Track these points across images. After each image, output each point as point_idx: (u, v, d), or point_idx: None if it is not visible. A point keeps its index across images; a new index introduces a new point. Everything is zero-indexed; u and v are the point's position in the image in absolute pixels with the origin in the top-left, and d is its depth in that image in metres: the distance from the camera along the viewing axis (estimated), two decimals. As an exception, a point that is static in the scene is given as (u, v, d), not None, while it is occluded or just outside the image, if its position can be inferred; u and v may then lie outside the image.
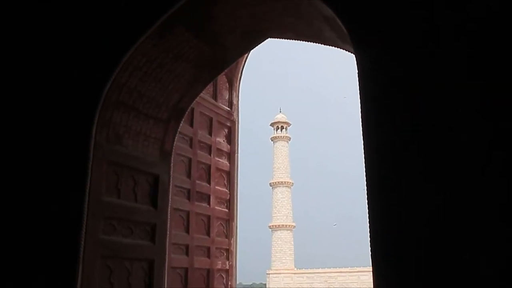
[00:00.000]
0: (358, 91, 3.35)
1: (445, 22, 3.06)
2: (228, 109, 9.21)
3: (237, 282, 8.90)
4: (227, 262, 8.41)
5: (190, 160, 7.81)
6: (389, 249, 2.91)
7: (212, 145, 8.51)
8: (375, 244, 2.97)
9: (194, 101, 8.22)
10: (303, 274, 61.97)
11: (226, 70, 9.34)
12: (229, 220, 8.65)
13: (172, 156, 5.48)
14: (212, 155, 8.48)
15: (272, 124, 68.89)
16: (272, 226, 64.81)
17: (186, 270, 7.30)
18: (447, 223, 2.75)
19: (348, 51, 4.30)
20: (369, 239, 3.00)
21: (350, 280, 58.71)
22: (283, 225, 64.32)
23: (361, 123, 3.24)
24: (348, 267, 60.79)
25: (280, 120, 68.44)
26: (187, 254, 7.40)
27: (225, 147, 8.96)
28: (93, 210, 4.23)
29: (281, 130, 68.49)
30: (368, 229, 2.96)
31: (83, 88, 4.29)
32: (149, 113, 4.92)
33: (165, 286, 5.03)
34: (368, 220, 2.96)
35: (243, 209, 8.92)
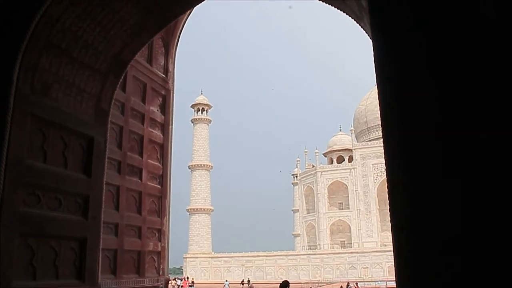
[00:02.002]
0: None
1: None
2: (164, 76, 8.40)
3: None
4: (159, 244, 7.66)
5: (121, 128, 6.94)
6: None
7: (145, 114, 7.68)
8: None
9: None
10: (220, 258, 61.92)
11: (162, 33, 8.56)
12: (161, 197, 7.88)
13: (110, 117, 4.63)
14: (145, 125, 7.65)
15: (193, 106, 67.64)
16: (190, 209, 63.98)
17: (115, 252, 6.47)
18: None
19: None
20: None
21: (267, 263, 59.48)
22: (201, 208, 63.69)
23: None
24: (265, 251, 61.54)
25: (201, 102, 67.35)
26: (116, 234, 6.57)
27: (159, 117, 8.15)
28: (12, 175, 3.35)
29: (202, 112, 67.46)
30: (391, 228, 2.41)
31: (4, 20, 3.37)
32: (85, 62, 4.05)
33: (100, 270, 4.22)
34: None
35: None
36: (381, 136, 2.77)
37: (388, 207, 2.56)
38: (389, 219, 2.50)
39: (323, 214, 65.93)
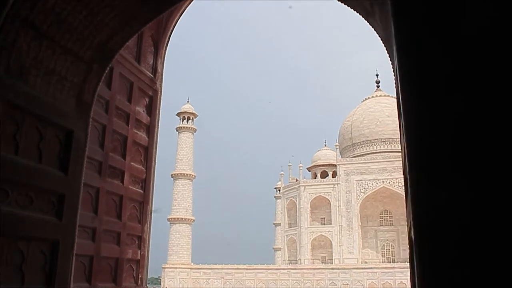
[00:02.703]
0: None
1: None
2: (152, 76, 8.06)
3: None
4: (139, 252, 7.24)
5: (104, 127, 6.58)
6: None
7: (130, 114, 7.32)
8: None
9: (114, 59, 7.04)
10: (200, 270, 61.03)
11: (152, 31, 8.23)
12: (143, 202, 7.49)
13: (92, 110, 4.26)
14: (130, 125, 7.28)
15: (178, 114, 67.11)
16: (171, 218, 63.09)
17: (91, 258, 6.06)
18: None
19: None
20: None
21: (247, 277, 58.77)
22: (182, 218, 62.88)
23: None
24: (246, 264, 60.83)
25: (187, 111, 66.89)
26: (93, 239, 6.16)
27: (145, 118, 7.79)
28: (-22, 166, 2.96)
29: (187, 121, 66.96)
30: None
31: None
32: (67, 47, 3.70)
33: (72, 277, 3.83)
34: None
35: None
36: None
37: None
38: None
39: (305, 229, 65.56)
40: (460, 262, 1.97)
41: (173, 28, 8.77)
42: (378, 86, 79.59)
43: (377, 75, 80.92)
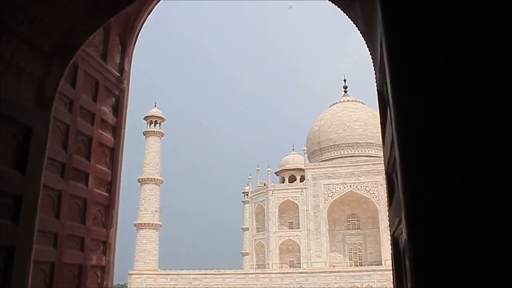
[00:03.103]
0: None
1: None
2: (118, 75, 7.76)
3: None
4: (104, 258, 6.92)
5: (68, 128, 6.24)
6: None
7: (96, 114, 7.00)
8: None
9: (78, 56, 6.71)
10: (167, 275, 60.11)
11: (119, 28, 7.95)
12: (109, 206, 7.17)
13: (53, 107, 3.98)
14: (95, 126, 6.97)
15: (145, 118, 66.16)
16: (138, 224, 62.00)
17: (52, 265, 5.71)
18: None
19: None
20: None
21: (215, 282, 58.26)
22: (149, 223, 61.88)
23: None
24: (213, 269, 60.32)
25: (155, 114, 66.02)
26: (55, 245, 5.81)
27: (111, 119, 7.48)
28: None
29: (155, 125, 66.09)
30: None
31: None
32: (25, 37, 3.41)
33: (29, 286, 3.53)
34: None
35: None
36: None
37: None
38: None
39: (273, 233, 65.53)
40: (457, 264, 1.82)
41: (141, 27, 8.49)
42: (345, 91, 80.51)
43: (344, 80, 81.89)
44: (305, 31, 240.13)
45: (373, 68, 3.39)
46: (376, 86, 3.22)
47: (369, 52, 3.37)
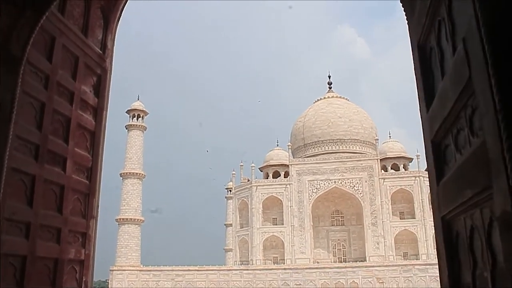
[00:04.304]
0: None
1: None
2: (100, 52, 7.13)
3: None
4: (83, 251, 6.28)
5: (43, 105, 5.59)
6: None
7: (75, 93, 6.37)
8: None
9: (56, 28, 6.07)
10: (149, 272, 59.26)
11: (102, 2, 7.34)
12: (89, 195, 6.54)
13: (22, 69, 3.34)
14: (74, 106, 6.32)
15: (128, 111, 65.06)
16: (120, 219, 60.99)
17: (23, 259, 5.06)
18: None
19: None
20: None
21: (198, 278, 57.58)
22: (131, 218, 60.91)
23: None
24: (196, 265, 59.60)
25: (137, 108, 64.96)
26: (27, 236, 5.16)
27: (92, 100, 6.85)
28: None
29: (137, 119, 65.04)
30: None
31: None
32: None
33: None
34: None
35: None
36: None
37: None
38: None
39: (256, 229, 65.07)
40: None
41: (125, 2, 7.84)
42: (330, 88, 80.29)
43: (329, 76, 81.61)
44: (292, 27, 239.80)
45: (407, 21, 2.83)
46: (413, 40, 2.66)
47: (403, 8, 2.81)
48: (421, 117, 2.51)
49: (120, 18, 7.79)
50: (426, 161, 2.43)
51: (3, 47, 3.03)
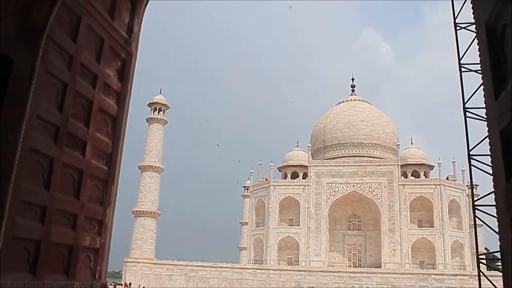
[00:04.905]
0: None
1: None
2: (126, 36, 6.95)
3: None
4: (98, 239, 6.09)
5: (65, 86, 5.40)
6: None
7: (98, 76, 6.18)
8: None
9: (83, 9, 5.88)
10: (163, 265, 59.40)
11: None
12: (108, 181, 6.36)
13: (44, 40, 3.10)
14: (97, 89, 6.13)
15: (149, 104, 65.27)
16: (136, 211, 61.24)
17: (37, 243, 4.87)
18: None
19: None
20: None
21: (211, 275, 57.48)
22: (148, 211, 61.11)
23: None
24: (210, 262, 59.50)
25: (159, 101, 65.12)
26: (42, 220, 4.97)
27: (115, 84, 6.66)
28: None
29: (159, 112, 65.21)
30: None
31: None
32: None
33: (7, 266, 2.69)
34: None
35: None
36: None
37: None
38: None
39: (272, 229, 64.71)
40: None
41: (154, -12, 7.64)
42: (353, 91, 79.45)
43: (352, 79, 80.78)
44: (315, 29, 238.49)
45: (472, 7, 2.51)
46: (480, 20, 2.34)
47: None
48: (486, 104, 2.21)
49: (148, 4, 7.57)
50: (491, 155, 2.12)
51: (24, 15, 2.80)
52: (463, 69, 13.12)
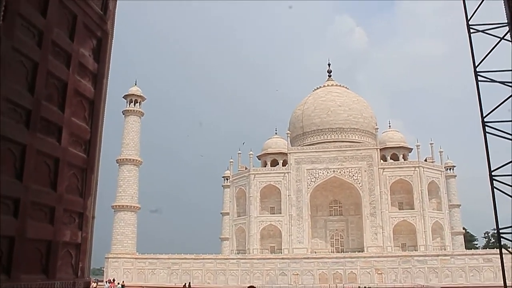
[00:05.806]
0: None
1: None
2: (101, 13, 6.39)
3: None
4: (80, 233, 5.57)
5: (35, 65, 4.87)
6: None
7: (72, 55, 5.64)
8: None
9: (52, -20, 5.32)
10: (145, 260, 58.77)
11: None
12: (87, 170, 5.82)
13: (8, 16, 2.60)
14: (71, 69, 5.58)
15: (125, 96, 64.06)
16: (116, 206, 60.29)
17: (11, 240, 4.35)
18: None
19: None
20: None
21: (194, 267, 57.07)
22: (127, 205, 60.21)
23: None
24: (193, 253, 59.00)
25: (135, 93, 63.95)
26: (15, 214, 4.44)
27: (91, 64, 6.11)
28: None
29: (135, 104, 64.07)
30: None
31: None
32: None
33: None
34: None
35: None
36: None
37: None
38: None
39: (254, 218, 64.60)
40: None
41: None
42: (330, 76, 79.42)
43: (329, 65, 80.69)
44: (292, 16, 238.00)
45: None
46: None
47: None
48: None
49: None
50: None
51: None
52: (479, 78, 12.98)
